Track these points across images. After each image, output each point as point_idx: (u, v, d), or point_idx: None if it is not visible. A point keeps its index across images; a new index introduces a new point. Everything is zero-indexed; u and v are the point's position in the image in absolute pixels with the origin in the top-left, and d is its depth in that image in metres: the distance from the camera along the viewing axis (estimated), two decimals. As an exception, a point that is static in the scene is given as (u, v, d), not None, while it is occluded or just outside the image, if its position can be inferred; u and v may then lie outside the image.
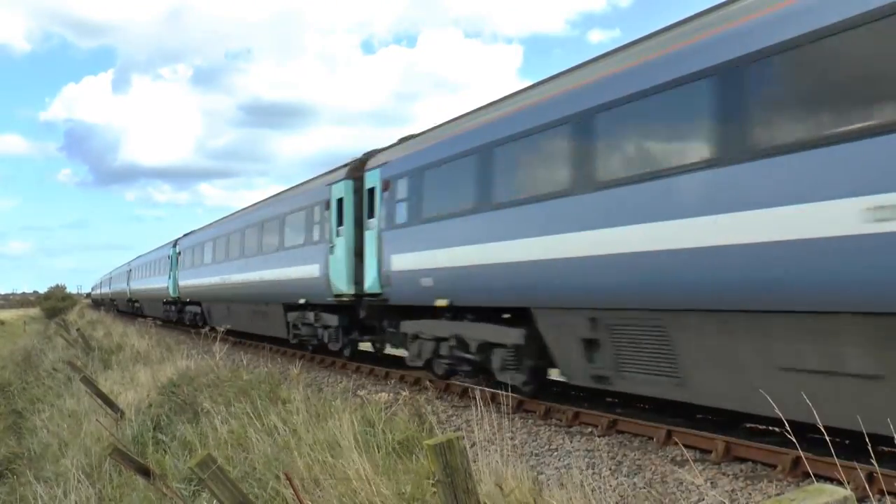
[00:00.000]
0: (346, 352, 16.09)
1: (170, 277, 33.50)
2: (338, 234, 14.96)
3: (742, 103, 6.69)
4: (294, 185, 20.10)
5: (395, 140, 14.77)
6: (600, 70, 8.69)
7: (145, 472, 6.78)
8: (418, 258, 11.88)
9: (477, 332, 11.00)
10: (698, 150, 7.19)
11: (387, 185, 13.18)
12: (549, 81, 9.89)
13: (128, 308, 52.09)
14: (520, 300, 9.80)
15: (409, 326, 13.03)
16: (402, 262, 12.45)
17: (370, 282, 13.55)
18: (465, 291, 10.80)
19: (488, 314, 10.88)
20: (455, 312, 11.52)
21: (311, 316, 17.38)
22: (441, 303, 11.36)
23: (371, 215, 13.91)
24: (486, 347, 10.82)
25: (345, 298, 14.62)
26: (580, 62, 9.46)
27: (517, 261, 9.52)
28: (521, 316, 10.07)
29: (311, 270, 16.22)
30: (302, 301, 17.29)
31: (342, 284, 14.57)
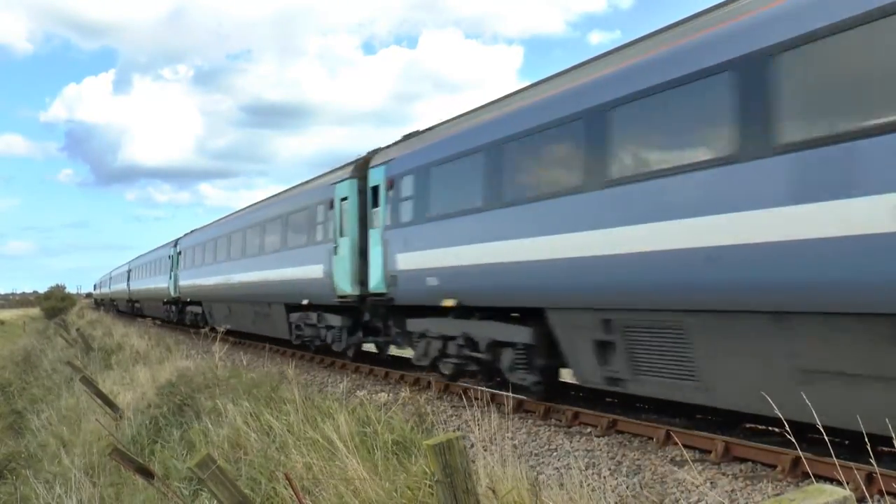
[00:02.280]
0: (350, 353, 15.93)
1: (170, 277, 33.26)
2: (342, 234, 14.78)
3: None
4: (296, 184, 20.01)
5: (398, 137, 14.45)
6: (614, 63, 8.49)
7: (145, 472, 6.78)
8: (425, 257, 11.71)
9: (486, 330, 10.75)
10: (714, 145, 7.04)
11: (391, 184, 12.98)
12: (556, 78, 9.70)
13: (128, 308, 51.99)
14: (533, 300, 9.53)
15: (415, 325, 12.77)
16: (407, 261, 12.31)
17: (375, 282, 13.45)
18: (473, 291, 10.58)
19: (496, 313, 10.67)
20: (461, 311, 11.30)
21: (313, 317, 17.23)
22: (448, 303, 11.13)
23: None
24: (496, 347, 10.61)
25: (349, 299, 14.47)
26: (596, 55, 9.27)
27: (530, 260, 9.30)
28: (531, 314, 9.81)
29: (314, 271, 16.03)
30: (305, 302, 17.13)
31: (346, 285, 14.40)
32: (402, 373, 14.00)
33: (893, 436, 4.39)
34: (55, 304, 73.75)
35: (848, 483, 5.40)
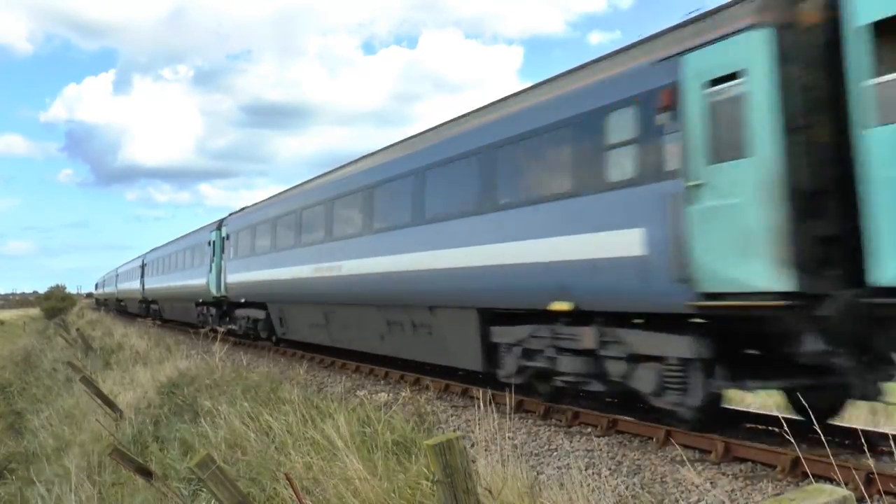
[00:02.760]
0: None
1: (211, 270, 25.17)
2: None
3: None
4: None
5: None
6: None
7: (145, 472, 6.79)
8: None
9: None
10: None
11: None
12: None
13: (140, 310, 44.41)
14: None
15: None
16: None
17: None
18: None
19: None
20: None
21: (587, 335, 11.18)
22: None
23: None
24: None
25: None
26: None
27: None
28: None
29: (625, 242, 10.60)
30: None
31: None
32: (402, 373, 14.00)
33: (891, 436, 4.39)
34: (55, 304, 73.73)
35: (847, 483, 5.42)
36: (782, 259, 6.38)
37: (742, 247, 6.66)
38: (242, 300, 22.30)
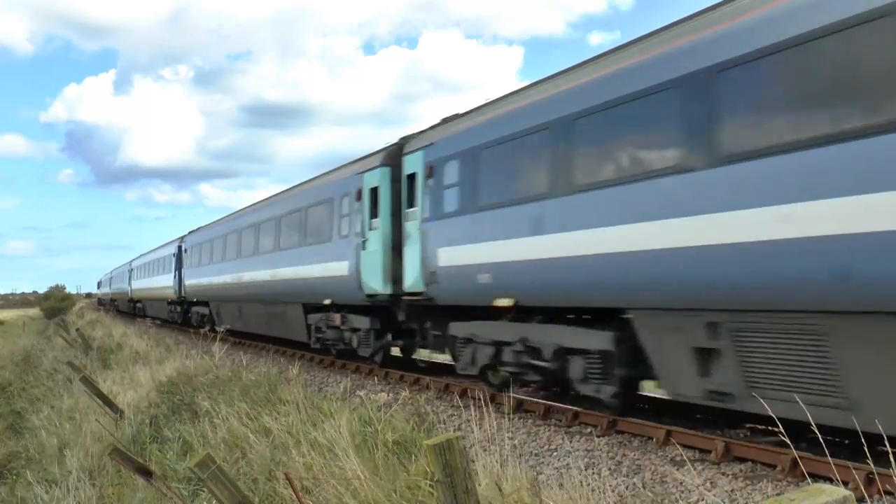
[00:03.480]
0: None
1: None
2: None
3: None
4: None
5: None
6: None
7: (145, 472, 6.78)
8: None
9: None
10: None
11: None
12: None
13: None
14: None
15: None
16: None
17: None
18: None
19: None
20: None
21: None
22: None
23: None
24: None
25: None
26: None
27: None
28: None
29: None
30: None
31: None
32: (401, 373, 14.00)
33: (885, 437, 4.39)
34: (55, 304, 73.69)
35: (847, 483, 5.41)
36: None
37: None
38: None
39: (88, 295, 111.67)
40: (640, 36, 8.59)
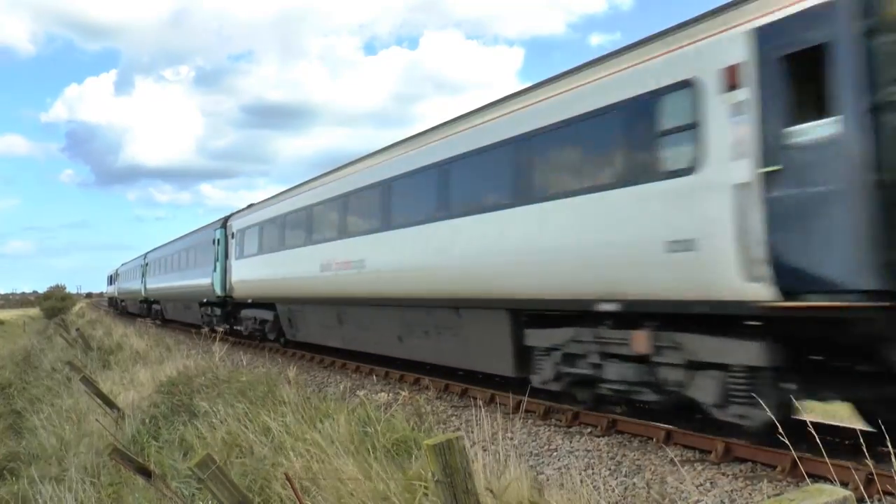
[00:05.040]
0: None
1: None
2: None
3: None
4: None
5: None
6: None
7: (145, 472, 6.78)
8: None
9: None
10: None
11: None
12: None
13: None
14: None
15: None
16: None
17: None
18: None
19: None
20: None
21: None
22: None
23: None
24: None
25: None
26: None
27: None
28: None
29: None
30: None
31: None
32: (401, 373, 14.01)
33: (886, 437, 4.39)
34: (55, 304, 73.68)
35: (847, 484, 5.41)
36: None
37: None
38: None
39: (88, 295, 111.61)
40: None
